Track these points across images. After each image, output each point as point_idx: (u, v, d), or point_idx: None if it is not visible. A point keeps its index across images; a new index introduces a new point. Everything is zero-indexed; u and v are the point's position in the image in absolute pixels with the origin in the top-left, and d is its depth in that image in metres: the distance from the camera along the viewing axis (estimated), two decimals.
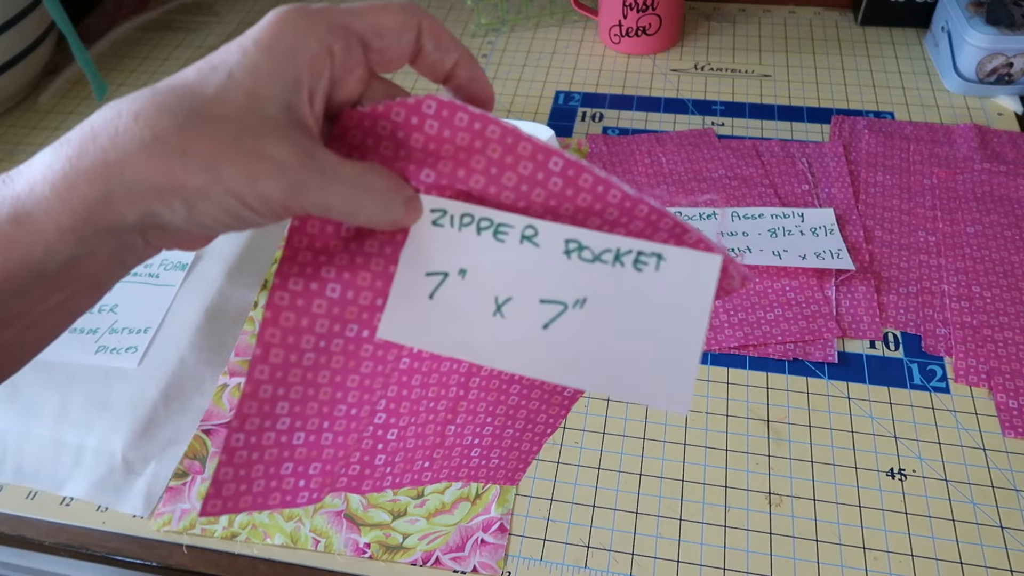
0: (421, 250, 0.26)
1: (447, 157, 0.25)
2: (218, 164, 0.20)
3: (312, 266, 0.26)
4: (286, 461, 0.27)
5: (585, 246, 0.25)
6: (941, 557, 0.44)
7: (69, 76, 0.83)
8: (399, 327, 0.26)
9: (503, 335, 0.26)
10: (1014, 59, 0.69)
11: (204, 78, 0.21)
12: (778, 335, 0.54)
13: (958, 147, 0.67)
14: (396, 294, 0.26)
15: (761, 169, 0.66)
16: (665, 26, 0.78)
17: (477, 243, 0.25)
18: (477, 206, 0.25)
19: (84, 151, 0.20)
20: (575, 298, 0.25)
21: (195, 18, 0.91)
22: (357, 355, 0.27)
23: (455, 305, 0.26)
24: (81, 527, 0.48)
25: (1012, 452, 0.48)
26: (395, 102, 0.24)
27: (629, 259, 0.24)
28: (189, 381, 0.53)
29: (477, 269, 0.26)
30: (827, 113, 0.72)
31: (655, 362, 0.24)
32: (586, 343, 0.25)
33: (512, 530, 0.46)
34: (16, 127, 0.77)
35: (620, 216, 0.25)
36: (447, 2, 0.91)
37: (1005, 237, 0.59)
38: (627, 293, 0.24)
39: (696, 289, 0.23)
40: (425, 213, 0.26)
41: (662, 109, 0.74)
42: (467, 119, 0.24)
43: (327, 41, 0.22)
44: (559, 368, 0.25)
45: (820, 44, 0.81)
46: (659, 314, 0.24)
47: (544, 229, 0.25)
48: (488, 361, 0.26)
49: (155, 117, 0.20)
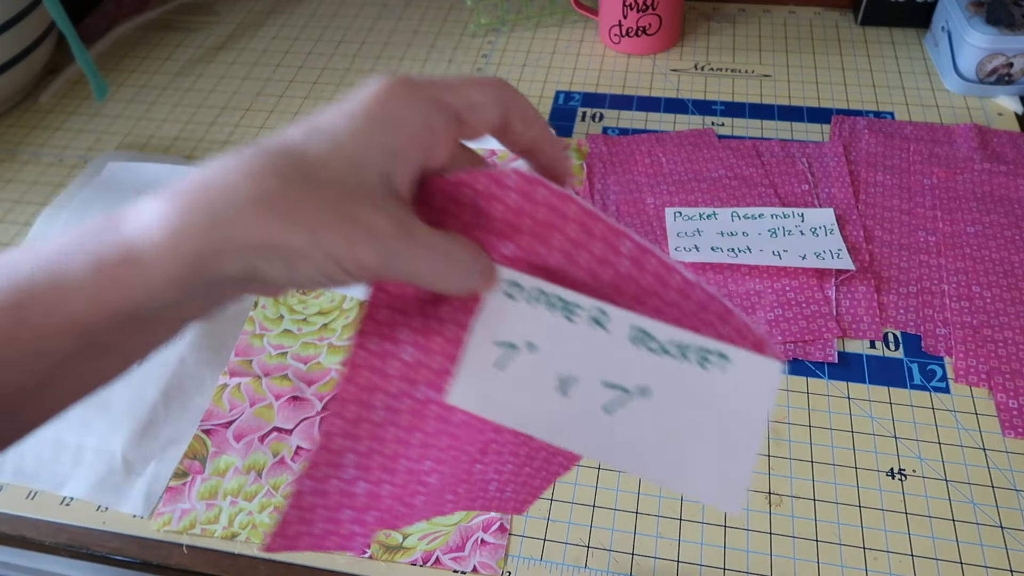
0: (493, 320, 0.27)
1: (526, 232, 0.26)
2: (319, 228, 0.21)
3: (390, 327, 0.27)
4: (346, 508, 0.28)
5: (652, 336, 0.25)
6: (941, 557, 0.44)
7: (69, 76, 0.83)
8: (468, 395, 0.27)
9: (564, 414, 0.26)
10: (1014, 59, 0.69)
11: (309, 140, 0.23)
12: (778, 335, 0.54)
13: (958, 147, 0.67)
14: (467, 362, 0.27)
15: (761, 169, 0.66)
16: (665, 26, 0.78)
17: (547, 320, 0.26)
18: (549, 283, 0.26)
19: (197, 206, 0.21)
20: (638, 386, 0.25)
21: (195, 18, 0.91)
22: (423, 414, 0.28)
23: (521, 378, 0.27)
24: (81, 527, 0.48)
25: (1012, 452, 0.48)
26: (479, 172, 0.25)
27: (695, 355, 0.24)
28: (189, 381, 0.53)
29: (545, 345, 0.26)
30: (827, 113, 0.72)
31: (711, 459, 0.24)
32: (644, 431, 0.25)
33: (512, 530, 0.46)
34: (16, 127, 0.77)
35: (678, 298, 0.25)
36: (447, 2, 0.91)
37: (1005, 237, 0.59)
38: (690, 389, 0.25)
39: (759, 393, 0.24)
40: (499, 284, 0.27)
41: (662, 109, 0.74)
42: (546, 195, 0.25)
43: (427, 116, 0.24)
44: (615, 452, 0.26)
45: (820, 44, 0.81)
46: (720, 413, 0.24)
47: (614, 315, 0.25)
48: (545, 437, 0.27)
49: (263, 178, 0.21)
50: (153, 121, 0.77)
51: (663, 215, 0.62)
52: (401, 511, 0.31)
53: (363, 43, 0.85)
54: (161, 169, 0.68)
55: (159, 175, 0.68)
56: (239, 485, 0.49)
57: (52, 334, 0.22)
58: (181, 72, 0.83)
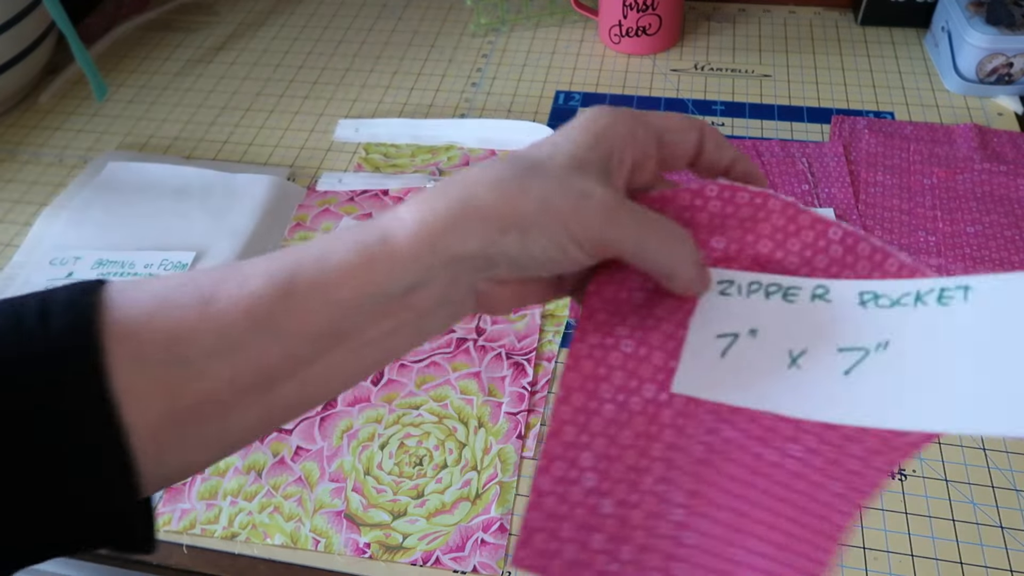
0: (710, 317, 0.28)
1: (735, 227, 0.29)
2: (550, 197, 0.25)
3: (608, 325, 0.29)
4: (595, 531, 0.26)
5: (881, 295, 0.26)
6: (941, 557, 0.44)
7: (69, 76, 0.83)
8: (694, 382, 0.28)
9: (802, 386, 0.26)
10: (1014, 59, 0.69)
11: (534, 148, 0.27)
12: None
13: (958, 147, 0.67)
14: (689, 353, 0.28)
15: (761, 169, 0.66)
16: (665, 26, 0.78)
17: (767, 306, 0.28)
18: (763, 273, 0.28)
19: (442, 194, 0.25)
20: (876, 342, 0.26)
21: (195, 18, 0.91)
22: (658, 420, 0.27)
23: (749, 361, 0.27)
24: None
25: (1012, 452, 0.48)
26: (681, 188, 0.29)
27: (932, 297, 0.25)
28: None
29: (768, 328, 0.28)
30: (827, 113, 0.72)
31: (990, 387, 0.23)
32: (896, 381, 0.25)
33: (512, 530, 0.46)
34: (16, 127, 0.77)
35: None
36: (447, 2, 0.91)
37: (1005, 237, 0.59)
38: (935, 328, 0.25)
39: (1015, 309, 0.24)
40: (713, 285, 0.29)
41: (662, 109, 0.74)
42: (748, 196, 0.28)
43: (632, 127, 0.27)
44: (871, 409, 0.25)
45: (820, 44, 0.81)
46: (980, 340, 0.24)
47: (835, 286, 0.27)
48: (789, 410, 0.26)
49: (498, 168, 0.26)
50: (153, 121, 0.77)
51: None
52: (667, 549, 0.25)
53: (363, 43, 0.85)
54: (161, 169, 0.68)
55: (159, 175, 0.68)
56: (239, 485, 0.49)
57: (312, 310, 0.24)
58: (181, 72, 0.83)
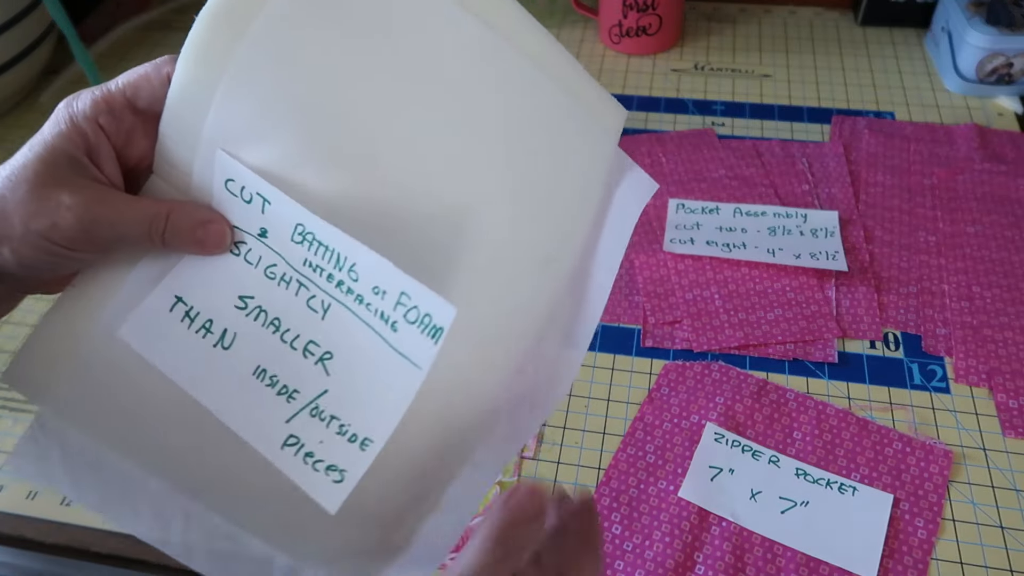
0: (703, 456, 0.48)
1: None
2: (25, 214, 0.26)
3: (642, 440, 0.49)
4: (616, 558, 0.44)
5: (808, 474, 0.46)
6: (941, 557, 0.44)
7: (69, 76, 0.83)
8: (689, 491, 0.47)
9: (757, 515, 0.45)
10: (1014, 59, 0.69)
11: (16, 155, 0.27)
12: (778, 335, 0.54)
13: (958, 147, 0.67)
14: (692, 471, 0.48)
15: (761, 169, 0.66)
16: (665, 26, 0.78)
17: (742, 459, 0.47)
18: (756, 445, 0.48)
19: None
20: (802, 500, 0.45)
21: (195, 18, 0.91)
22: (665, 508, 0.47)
23: (724, 488, 0.46)
24: (81, 527, 0.48)
25: (1012, 452, 0.48)
26: None
27: (835, 486, 0.46)
28: None
29: (742, 472, 0.47)
30: (827, 113, 0.72)
31: (847, 547, 0.44)
32: (806, 527, 0.44)
33: None
34: (16, 127, 0.77)
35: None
36: None
37: (1005, 237, 0.59)
38: (832, 505, 0.45)
39: (874, 516, 0.45)
40: (710, 441, 0.49)
41: (662, 109, 0.74)
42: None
43: (93, 115, 0.29)
44: (786, 536, 0.44)
45: (820, 44, 0.81)
46: (850, 522, 0.45)
47: (783, 460, 0.47)
48: (751, 526, 0.45)
49: None
50: None
51: (663, 215, 0.62)
52: None
53: None
54: None
55: None
56: None
57: None
58: None
